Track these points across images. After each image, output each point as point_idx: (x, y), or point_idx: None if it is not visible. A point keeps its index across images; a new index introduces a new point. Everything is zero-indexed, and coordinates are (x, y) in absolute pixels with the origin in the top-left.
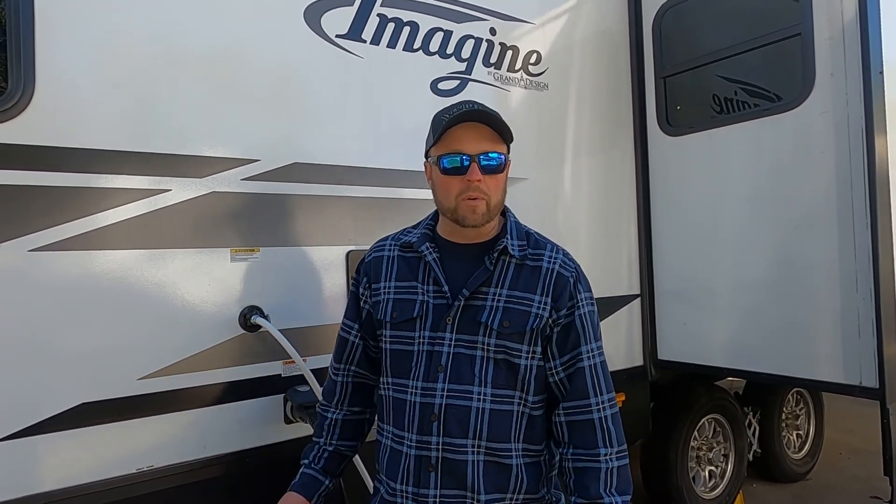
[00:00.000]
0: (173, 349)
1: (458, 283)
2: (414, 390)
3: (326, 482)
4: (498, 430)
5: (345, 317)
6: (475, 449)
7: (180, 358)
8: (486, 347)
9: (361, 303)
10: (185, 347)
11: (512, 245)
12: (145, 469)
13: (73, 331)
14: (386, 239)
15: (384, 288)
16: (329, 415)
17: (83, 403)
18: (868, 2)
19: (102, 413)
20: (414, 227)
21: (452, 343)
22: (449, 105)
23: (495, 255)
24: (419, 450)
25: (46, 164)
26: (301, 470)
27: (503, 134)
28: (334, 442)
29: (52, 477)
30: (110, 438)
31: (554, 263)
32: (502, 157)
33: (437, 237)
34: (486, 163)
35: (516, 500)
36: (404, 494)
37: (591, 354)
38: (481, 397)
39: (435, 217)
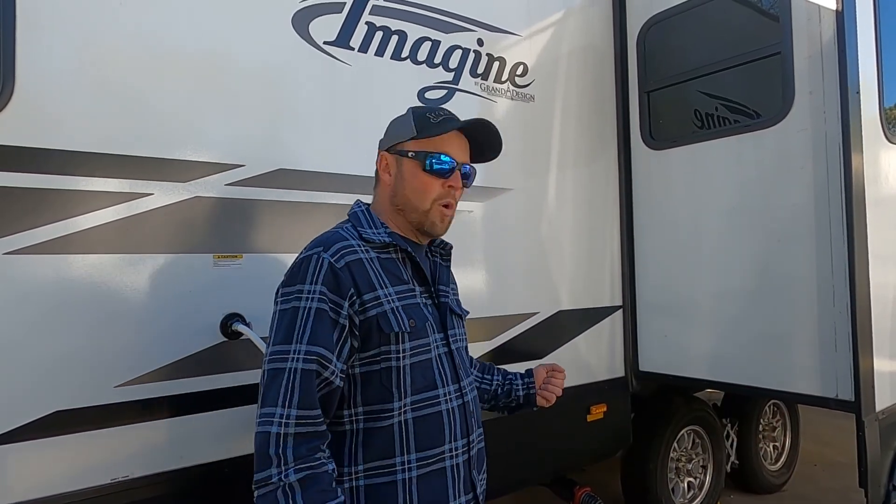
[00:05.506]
0: (151, 356)
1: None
2: (448, 396)
3: None
4: None
5: (313, 344)
6: (481, 429)
7: (158, 365)
8: (464, 336)
9: (349, 324)
10: (163, 355)
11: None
12: (120, 479)
13: (49, 337)
14: (344, 239)
15: (385, 296)
16: (331, 465)
17: (57, 411)
18: (846, 23)
19: (77, 421)
20: (355, 225)
21: (457, 338)
22: (432, 107)
23: (443, 253)
24: (465, 454)
25: (25, 165)
26: None
27: (487, 155)
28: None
29: (22, 487)
30: (85, 447)
31: None
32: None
33: (397, 235)
34: (466, 172)
35: None
36: None
37: None
38: (476, 380)
39: (371, 214)
